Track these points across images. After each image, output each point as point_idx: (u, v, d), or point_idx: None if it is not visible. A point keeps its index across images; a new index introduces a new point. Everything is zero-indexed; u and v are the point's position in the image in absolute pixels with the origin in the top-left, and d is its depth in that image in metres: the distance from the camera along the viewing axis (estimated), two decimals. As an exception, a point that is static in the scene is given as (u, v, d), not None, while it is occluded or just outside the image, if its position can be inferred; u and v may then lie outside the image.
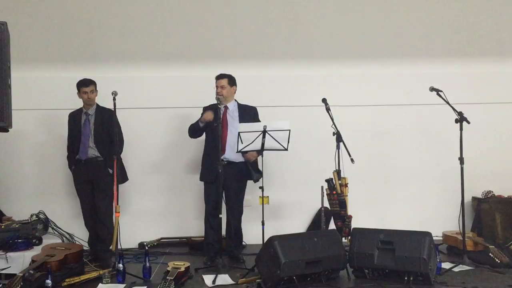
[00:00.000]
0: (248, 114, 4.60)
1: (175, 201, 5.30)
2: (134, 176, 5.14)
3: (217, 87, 4.52)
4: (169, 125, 5.33)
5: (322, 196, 4.47)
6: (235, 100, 4.64)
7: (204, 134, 4.60)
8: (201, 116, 4.49)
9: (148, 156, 5.32)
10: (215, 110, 4.36)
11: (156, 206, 5.29)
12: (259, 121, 4.56)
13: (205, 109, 4.60)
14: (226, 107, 4.54)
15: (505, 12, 5.57)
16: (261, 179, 4.41)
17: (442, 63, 5.51)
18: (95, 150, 4.41)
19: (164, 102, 5.28)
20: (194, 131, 4.58)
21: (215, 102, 4.43)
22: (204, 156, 4.62)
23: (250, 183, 4.66)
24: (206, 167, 4.56)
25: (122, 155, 4.53)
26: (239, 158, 4.49)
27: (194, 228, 5.14)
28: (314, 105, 4.92)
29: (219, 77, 4.56)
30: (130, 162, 5.04)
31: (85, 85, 4.43)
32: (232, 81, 4.58)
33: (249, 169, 4.52)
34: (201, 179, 4.64)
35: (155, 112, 5.28)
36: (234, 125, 4.50)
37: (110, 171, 4.36)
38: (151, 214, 5.26)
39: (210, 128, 4.49)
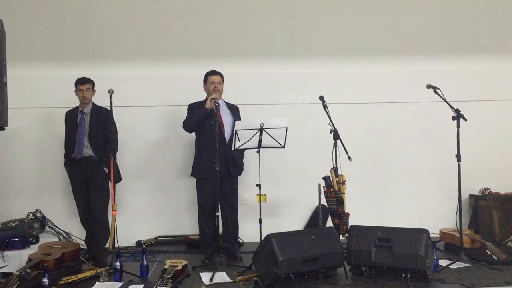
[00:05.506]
0: (234, 111, 4.60)
1: (172, 199, 5.29)
2: (130, 174, 5.14)
3: (213, 82, 4.49)
4: (163, 122, 5.32)
5: (320, 193, 4.47)
6: (222, 98, 4.63)
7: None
8: (203, 106, 4.36)
9: (144, 153, 5.30)
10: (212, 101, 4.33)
11: (153, 204, 5.28)
12: (240, 119, 4.54)
13: (191, 106, 4.57)
14: (218, 104, 4.51)
15: (502, 9, 5.58)
16: (258, 177, 4.40)
17: (439, 60, 5.52)
18: (90, 149, 4.38)
19: (158, 100, 5.27)
20: (193, 124, 4.49)
21: (206, 99, 4.43)
22: (199, 153, 4.57)
23: (246, 181, 4.65)
24: (201, 164, 4.51)
25: (117, 154, 4.50)
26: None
27: (191, 226, 5.14)
28: (311, 102, 4.91)
29: (214, 73, 4.54)
30: (125, 160, 5.03)
31: (81, 83, 4.40)
32: (223, 78, 4.58)
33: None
34: (194, 176, 4.59)
35: (149, 110, 5.27)
36: (226, 121, 4.50)
37: (106, 170, 4.35)
38: (148, 213, 5.25)
39: (205, 125, 4.45)
